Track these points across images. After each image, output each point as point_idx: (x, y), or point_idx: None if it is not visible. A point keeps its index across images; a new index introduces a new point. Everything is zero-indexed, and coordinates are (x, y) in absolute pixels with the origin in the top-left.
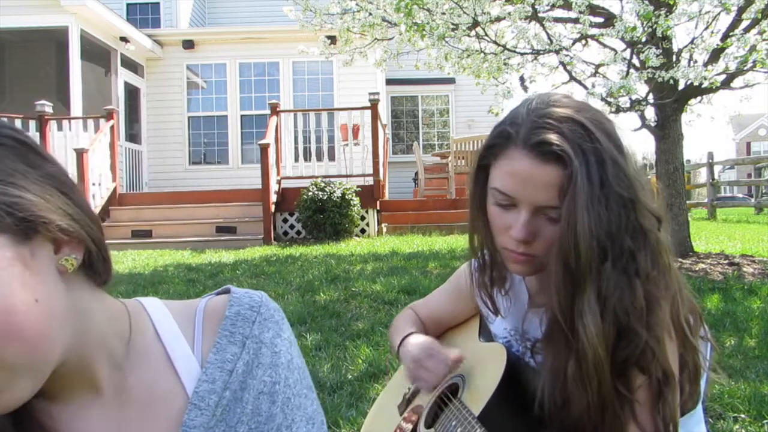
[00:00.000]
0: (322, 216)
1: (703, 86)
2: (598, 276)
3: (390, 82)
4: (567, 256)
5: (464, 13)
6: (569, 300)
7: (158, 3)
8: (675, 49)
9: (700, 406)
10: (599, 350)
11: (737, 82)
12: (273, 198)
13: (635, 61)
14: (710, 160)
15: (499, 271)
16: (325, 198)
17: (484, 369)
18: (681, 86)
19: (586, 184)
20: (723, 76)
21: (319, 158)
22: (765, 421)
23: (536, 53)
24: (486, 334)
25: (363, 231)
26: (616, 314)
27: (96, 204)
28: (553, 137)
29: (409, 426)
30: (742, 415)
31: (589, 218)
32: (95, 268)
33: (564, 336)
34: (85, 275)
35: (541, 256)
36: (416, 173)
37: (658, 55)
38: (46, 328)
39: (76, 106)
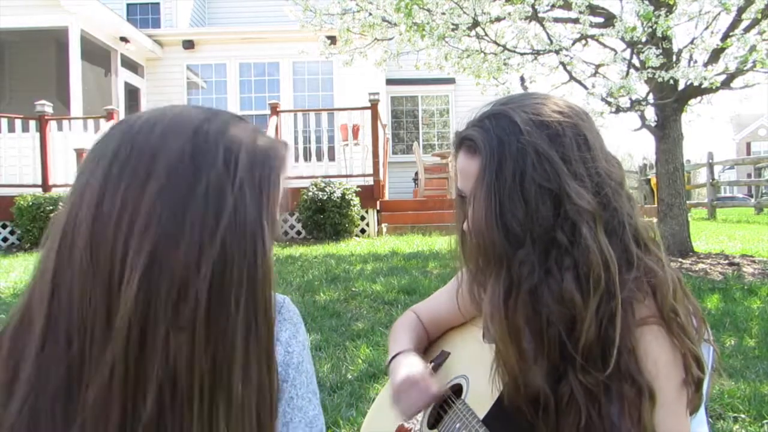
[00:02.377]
0: (322, 216)
1: (703, 86)
2: (508, 263)
3: (390, 82)
4: (475, 240)
5: (464, 13)
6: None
7: (158, 3)
8: (675, 49)
9: (702, 408)
10: (499, 335)
11: (737, 82)
12: None
13: (635, 61)
14: (710, 160)
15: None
16: (325, 198)
17: (488, 370)
18: (681, 86)
19: (493, 175)
20: (723, 76)
21: (319, 158)
22: (765, 421)
23: (536, 53)
24: (490, 336)
25: (363, 231)
26: (534, 301)
27: None
28: (473, 132)
29: (411, 426)
30: (742, 415)
31: (489, 205)
32: None
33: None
34: None
35: None
36: (416, 173)
37: (658, 55)
38: None
39: (76, 106)
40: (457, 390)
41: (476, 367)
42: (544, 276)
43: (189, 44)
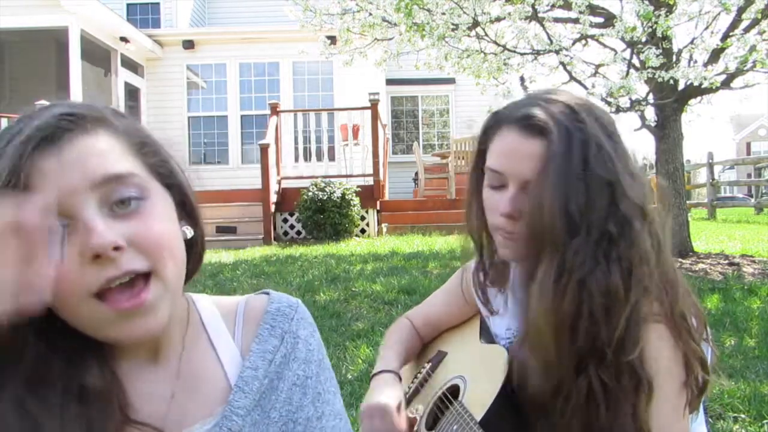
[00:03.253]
0: (322, 216)
1: (703, 86)
2: (563, 248)
3: (390, 82)
4: (531, 225)
5: (464, 13)
6: (531, 269)
7: (158, 3)
8: (675, 49)
9: (702, 408)
10: (543, 318)
11: (737, 82)
12: (273, 198)
13: (635, 61)
14: (710, 160)
15: (499, 268)
16: (325, 198)
17: (486, 372)
18: (681, 86)
19: (562, 158)
20: (723, 77)
21: (319, 158)
22: (765, 421)
23: (536, 53)
24: (486, 335)
25: (363, 231)
26: (581, 291)
27: None
28: (537, 111)
29: (409, 426)
30: (742, 415)
31: (557, 190)
32: (190, 255)
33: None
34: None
35: (525, 237)
36: (416, 173)
37: (658, 55)
38: (184, 264)
39: None
40: (454, 391)
41: (474, 368)
42: (594, 267)
43: (189, 44)
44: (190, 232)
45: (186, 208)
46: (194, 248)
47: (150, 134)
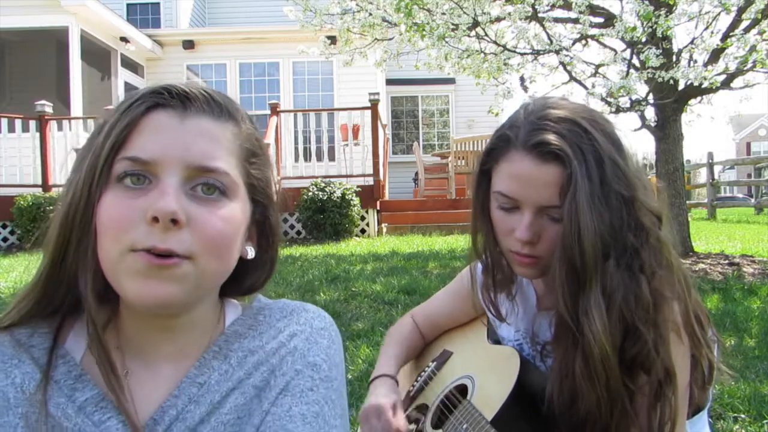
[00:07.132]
0: (322, 216)
1: (703, 86)
2: (602, 274)
3: (390, 82)
4: (571, 255)
5: (464, 13)
6: (574, 298)
7: (158, 3)
8: (675, 50)
9: (707, 407)
10: (605, 346)
11: (737, 82)
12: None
13: (635, 61)
14: (710, 160)
15: (504, 274)
16: (325, 198)
17: (496, 372)
18: (681, 86)
19: (586, 182)
20: (723, 77)
21: (319, 158)
22: (765, 421)
23: (536, 53)
24: (493, 336)
25: (363, 231)
26: (621, 311)
27: None
28: (551, 137)
29: (413, 425)
30: (742, 415)
31: (591, 216)
32: (252, 272)
33: (570, 335)
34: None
35: (545, 258)
36: (416, 173)
37: (658, 56)
38: (224, 274)
39: (76, 106)
40: (461, 390)
41: (482, 368)
42: (630, 282)
43: (189, 44)
44: (251, 253)
45: (264, 229)
46: (258, 267)
47: (266, 152)
